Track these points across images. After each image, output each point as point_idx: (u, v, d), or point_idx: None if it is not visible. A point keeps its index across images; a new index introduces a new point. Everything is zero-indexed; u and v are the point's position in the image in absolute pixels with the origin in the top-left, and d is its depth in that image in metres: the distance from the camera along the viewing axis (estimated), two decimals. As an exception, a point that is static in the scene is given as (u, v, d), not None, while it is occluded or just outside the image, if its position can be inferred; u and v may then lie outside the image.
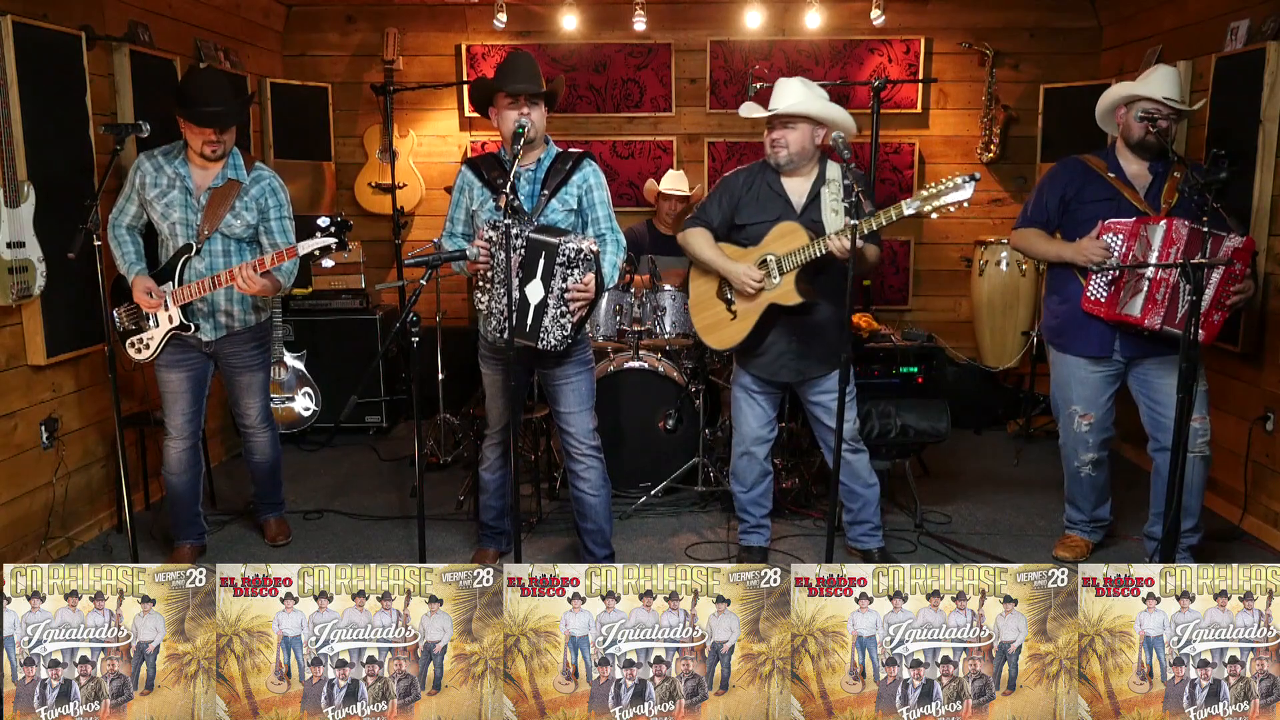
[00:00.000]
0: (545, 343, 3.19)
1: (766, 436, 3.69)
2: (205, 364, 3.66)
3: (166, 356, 3.57)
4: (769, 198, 3.50)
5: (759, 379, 3.60)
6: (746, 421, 3.67)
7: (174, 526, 3.83)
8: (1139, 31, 5.25)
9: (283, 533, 4.06)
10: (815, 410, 3.62)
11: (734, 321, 3.54)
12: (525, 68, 3.26)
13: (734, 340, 3.55)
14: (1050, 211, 3.61)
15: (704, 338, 3.67)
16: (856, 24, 5.74)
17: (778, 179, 3.51)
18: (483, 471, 3.68)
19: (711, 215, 3.58)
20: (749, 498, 3.77)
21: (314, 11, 5.90)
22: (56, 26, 3.72)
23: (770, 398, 3.66)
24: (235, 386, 3.75)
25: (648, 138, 5.98)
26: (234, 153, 3.56)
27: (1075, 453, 3.71)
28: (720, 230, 3.58)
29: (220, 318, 3.59)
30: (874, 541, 3.75)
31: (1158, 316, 3.34)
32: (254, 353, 3.72)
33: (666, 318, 4.53)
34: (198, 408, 3.69)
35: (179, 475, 3.71)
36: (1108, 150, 3.60)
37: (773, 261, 3.41)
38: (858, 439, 3.68)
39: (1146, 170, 3.50)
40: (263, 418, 3.84)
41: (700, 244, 3.56)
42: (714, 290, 3.60)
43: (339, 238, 3.29)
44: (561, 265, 3.12)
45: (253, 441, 3.88)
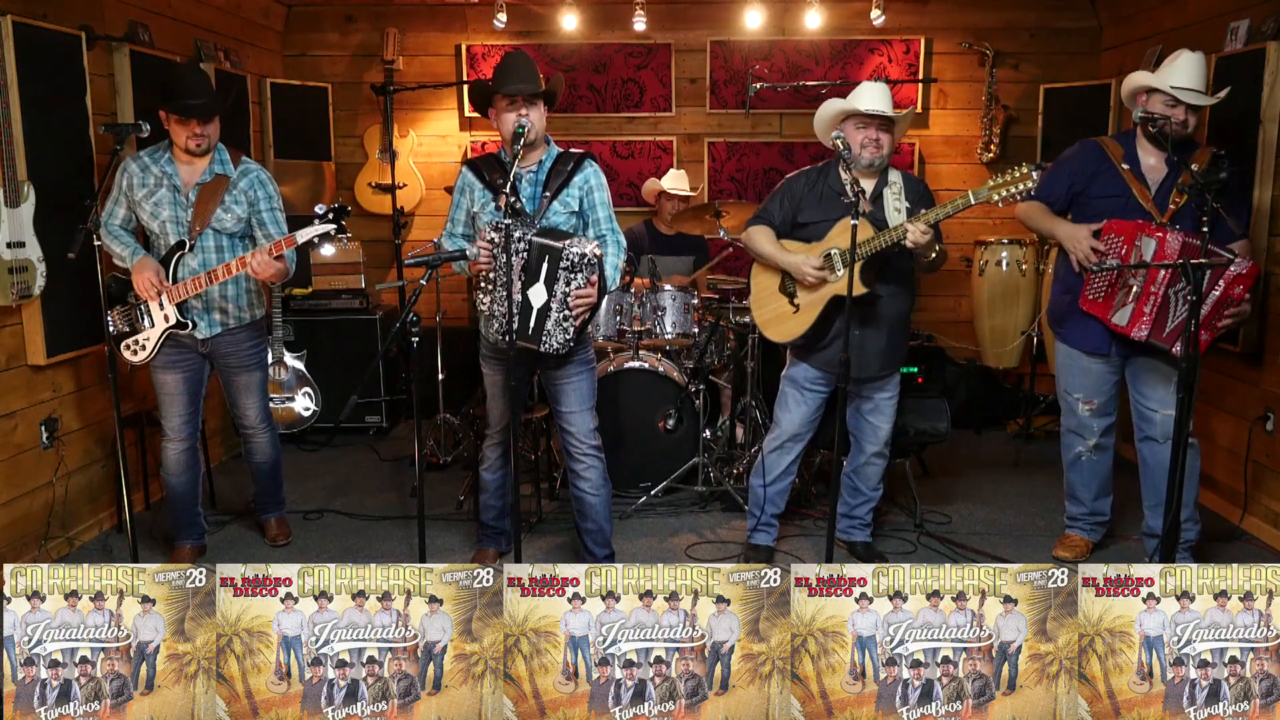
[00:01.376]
0: (547, 346, 3.19)
1: (805, 434, 3.71)
2: (201, 364, 3.65)
3: (162, 358, 3.56)
4: (832, 197, 3.51)
5: (816, 373, 3.61)
6: (791, 416, 3.68)
7: (174, 527, 3.83)
8: (1139, 31, 5.25)
9: (283, 533, 4.05)
10: (862, 406, 3.65)
11: (796, 314, 3.55)
12: (523, 68, 3.25)
13: (797, 332, 3.55)
14: (1057, 195, 3.60)
15: (765, 331, 3.68)
16: (856, 24, 5.74)
17: (839, 180, 3.49)
18: (483, 471, 3.68)
19: (774, 214, 3.61)
20: (767, 493, 3.78)
21: (314, 11, 5.90)
22: (56, 26, 3.72)
23: (820, 396, 3.66)
24: (233, 387, 3.73)
25: (648, 138, 5.98)
26: (219, 148, 3.54)
27: (1079, 437, 3.71)
28: (782, 229, 3.59)
29: (216, 314, 3.57)
30: (861, 535, 3.83)
31: (1144, 329, 3.35)
32: (250, 351, 3.70)
33: (666, 318, 4.53)
34: (194, 409, 3.68)
35: (177, 476, 3.71)
36: (1129, 135, 3.55)
37: (837, 255, 3.42)
38: (888, 444, 3.73)
39: (1163, 163, 3.45)
40: (262, 418, 3.82)
41: (761, 240, 3.58)
42: (776, 284, 3.62)
43: (337, 223, 3.28)
44: (565, 270, 3.12)
45: (253, 442, 3.87)
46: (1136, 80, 3.46)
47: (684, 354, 4.61)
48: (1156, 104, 3.38)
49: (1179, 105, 3.34)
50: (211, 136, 3.48)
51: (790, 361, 3.72)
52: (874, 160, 3.43)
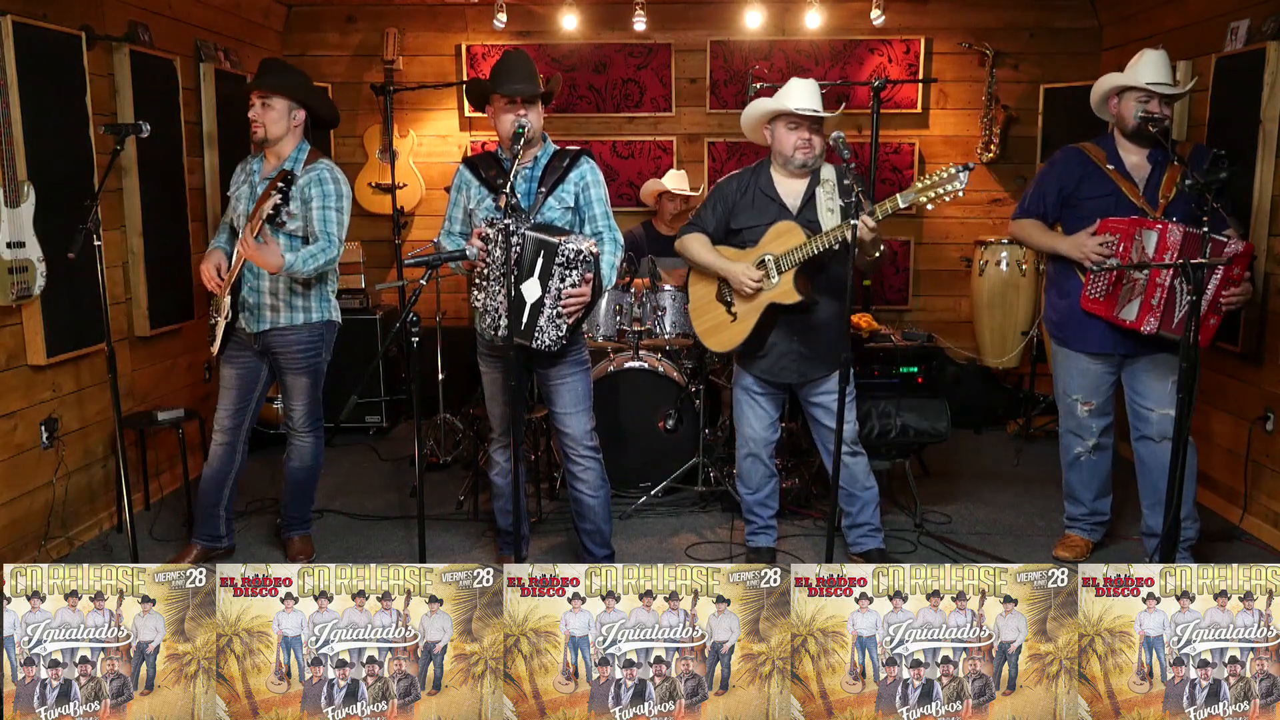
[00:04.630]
0: (540, 342, 3.18)
1: (770, 438, 3.69)
2: (258, 363, 3.61)
3: (226, 350, 3.59)
4: (763, 201, 3.50)
5: (761, 380, 3.60)
6: (749, 424, 3.67)
7: (195, 521, 3.83)
8: (1139, 31, 5.25)
9: (305, 552, 3.88)
10: (815, 411, 3.62)
11: (734, 323, 3.54)
12: (521, 68, 3.24)
13: (734, 342, 3.55)
14: (1048, 205, 3.61)
15: (705, 341, 3.67)
16: (856, 24, 5.74)
17: (770, 183, 3.51)
18: (494, 477, 3.62)
19: (707, 221, 3.60)
20: (755, 499, 3.77)
21: (314, 11, 5.90)
22: (56, 26, 3.72)
23: (772, 399, 3.66)
24: (282, 385, 3.68)
25: (648, 138, 5.98)
26: (300, 146, 3.50)
27: (1078, 438, 3.72)
28: (716, 235, 3.58)
29: (267, 312, 3.52)
30: (873, 542, 3.75)
31: (1154, 321, 3.35)
32: (299, 353, 3.58)
33: (666, 318, 4.53)
34: (243, 405, 3.64)
35: (210, 467, 3.70)
36: (1107, 138, 3.58)
37: (770, 261, 3.41)
38: (857, 442, 3.68)
39: (1146, 160, 3.49)
40: (306, 422, 3.70)
41: (697, 248, 3.57)
42: (713, 293, 3.60)
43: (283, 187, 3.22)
44: (560, 265, 3.11)
45: (293, 445, 3.75)
46: (1108, 82, 3.51)
47: (684, 354, 4.61)
48: (1130, 103, 3.44)
49: (1152, 100, 3.40)
50: (270, 122, 3.40)
51: (737, 371, 3.70)
52: (806, 161, 3.42)
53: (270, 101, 3.41)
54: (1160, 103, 3.41)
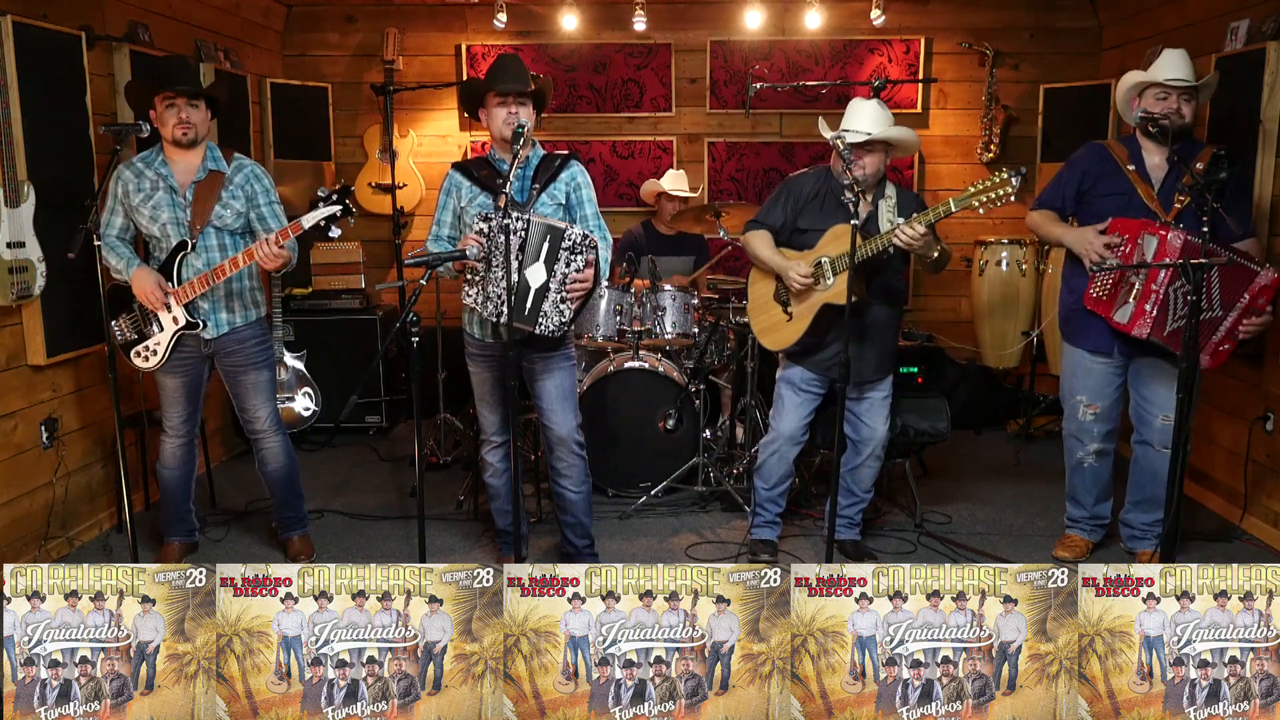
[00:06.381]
0: (544, 327, 3.21)
1: (799, 438, 3.74)
2: (201, 367, 3.62)
3: (167, 362, 3.52)
4: (834, 206, 3.53)
5: (811, 375, 3.64)
6: (787, 419, 3.70)
7: (164, 522, 3.82)
8: (1139, 31, 5.25)
9: (306, 552, 3.85)
10: (855, 408, 3.67)
11: (789, 323, 3.59)
12: (514, 69, 3.32)
13: (789, 341, 3.60)
14: (1066, 198, 3.63)
15: (761, 339, 3.74)
16: (856, 24, 5.74)
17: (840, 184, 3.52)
18: (490, 479, 3.63)
19: (774, 218, 3.63)
20: (769, 494, 3.81)
21: (314, 11, 5.90)
22: (56, 26, 3.72)
23: (815, 397, 3.69)
24: (240, 387, 3.63)
25: (648, 138, 5.98)
26: (210, 146, 3.52)
27: (1080, 443, 3.72)
28: (783, 234, 3.62)
29: (224, 314, 3.53)
30: (849, 533, 3.85)
31: (1145, 327, 3.35)
32: (256, 349, 3.62)
33: (666, 318, 4.53)
34: (194, 408, 3.67)
35: (173, 470, 3.70)
36: (1132, 137, 3.59)
37: (826, 263, 3.44)
38: (884, 447, 3.74)
39: (1165, 160, 3.48)
40: (273, 421, 3.70)
41: (759, 245, 3.62)
42: (771, 293, 3.65)
43: (342, 203, 3.23)
44: (567, 250, 3.16)
45: (264, 449, 3.73)
46: (1129, 80, 3.52)
47: (684, 354, 4.61)
48: (1150, 100, 3.45)
49: (1170, 96, 3.40)
50: (198, 126, 3.42)
51: (784, 364, 3.74)
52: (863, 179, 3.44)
53: (197, 103, 3.45)
54: (1179, 98, 3.40)
